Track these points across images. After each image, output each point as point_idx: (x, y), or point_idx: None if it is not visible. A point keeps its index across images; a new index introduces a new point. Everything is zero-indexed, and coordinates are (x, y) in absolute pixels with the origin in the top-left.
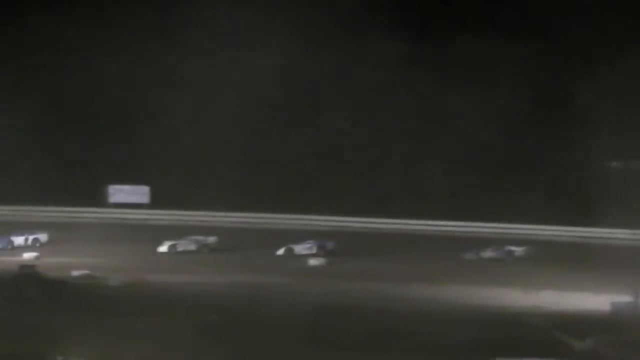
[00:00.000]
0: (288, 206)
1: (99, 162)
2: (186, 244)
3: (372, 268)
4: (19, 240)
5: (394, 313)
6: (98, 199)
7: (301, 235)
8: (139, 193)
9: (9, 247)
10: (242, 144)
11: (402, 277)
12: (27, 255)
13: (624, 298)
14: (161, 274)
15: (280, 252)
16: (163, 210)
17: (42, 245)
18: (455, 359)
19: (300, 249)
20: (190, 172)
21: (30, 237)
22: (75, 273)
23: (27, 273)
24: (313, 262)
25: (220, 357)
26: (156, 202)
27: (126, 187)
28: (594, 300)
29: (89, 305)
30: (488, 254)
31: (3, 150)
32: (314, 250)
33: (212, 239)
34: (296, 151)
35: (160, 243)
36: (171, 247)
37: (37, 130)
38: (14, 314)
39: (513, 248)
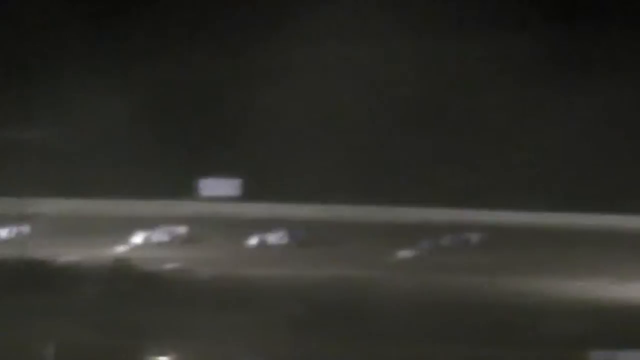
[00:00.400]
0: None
1: (190, 155)
2: (160, 235)
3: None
4: (2, 232)
5: (490, 307)
6: (189, 192)
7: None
8: (230, 185)
9: None
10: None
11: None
12: (121, 249)
13: None
14: (249, 268)
15: (253, 241)
16: (253, 202)
17: (26, 237)
18: (553, 351)
19: (272, 238)
20: (282, 164)
21: (15, 229)
22: (167, 266)
23: (121, 267)
24: (402, 254)
25: (310, 352)
26: (247, 194)
27: (217, 180)
28: None
29: (180, 298)
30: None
31: (99, 145)
32: (286, 240)
33: (182, 229)
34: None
35: (130, 235)
36: (146, 238)
37: (133, 125)
38: (108, 307)
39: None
